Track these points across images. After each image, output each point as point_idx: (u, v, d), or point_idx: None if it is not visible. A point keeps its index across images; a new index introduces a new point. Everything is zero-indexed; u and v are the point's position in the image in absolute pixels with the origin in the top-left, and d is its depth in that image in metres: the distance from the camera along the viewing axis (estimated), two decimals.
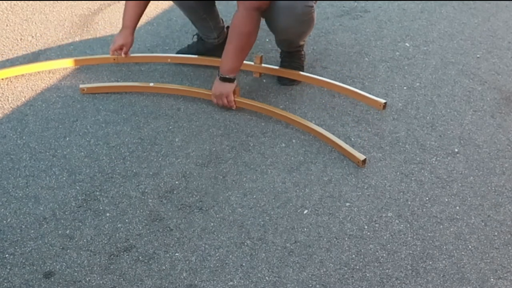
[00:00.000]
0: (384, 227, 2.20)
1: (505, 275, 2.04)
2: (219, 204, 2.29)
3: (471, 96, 2.91)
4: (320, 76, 2.94)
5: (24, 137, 2.60)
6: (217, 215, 2.24)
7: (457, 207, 2.30)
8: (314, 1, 2.72)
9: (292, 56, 2.98)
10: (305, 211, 2.26)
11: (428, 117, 2.76)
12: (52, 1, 3.67)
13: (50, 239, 2.13)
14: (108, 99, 2.84)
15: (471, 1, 3.78)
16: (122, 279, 1.99)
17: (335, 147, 2.55)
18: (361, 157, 2.46)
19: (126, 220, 2.21)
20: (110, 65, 3.08)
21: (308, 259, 2.07)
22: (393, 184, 2.39)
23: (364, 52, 3.24)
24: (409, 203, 2.31)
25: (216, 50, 3.07)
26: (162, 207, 2.27)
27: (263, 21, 2.72)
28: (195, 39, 3.16)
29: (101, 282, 1.98)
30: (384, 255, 2.10)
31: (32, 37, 3.32)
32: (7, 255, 2.07)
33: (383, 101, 2.76)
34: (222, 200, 2.30)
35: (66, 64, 3.04)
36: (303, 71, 2.98)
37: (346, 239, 2.15)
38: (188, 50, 3.12)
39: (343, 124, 2.70)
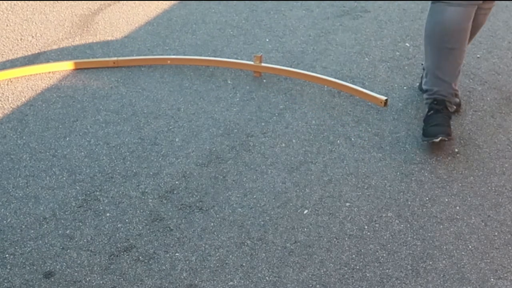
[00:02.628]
0: (384, 227, 2.20)
1: (505, 275, 2.04)
2: (219, 204, 2.29)
3: (471, 96, 2.90)
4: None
5: (24, 137, 2.60)
6: (217, 215, 2.24)
7: (457, 207, 2.29)
8: None
9: None
10: (305, 211, 2.26)
11: None
12: (52, 1, 3.67)
13: (50, 239, 2.13)
14: (108, 99, 2.84)
15: None
16: (122, 279, 1.99)
17: (355, 93, 2.82)
18: (383, 98, 2.72)
19: (126, 220, 2.21)
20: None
21: (308, 259, 2.07)
22: (393, 184, 2.39)
23: (364, 52, 3.24)
24: (409, 203, 2.31)
25: None
26: (162, 207, 2.27)
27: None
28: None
29: (101, 282, 1.98)
30: (384, 255, 2.10)
31: (32, 37, 3.32)
32: (7, 255, 2.07)
33: (384, 98, 2.75)
34: (222, 200, 2.30)
35: (66, 67, 3.03)
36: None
37: (346, 239, 2.15)
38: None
39: (343, 124, 2.70)
